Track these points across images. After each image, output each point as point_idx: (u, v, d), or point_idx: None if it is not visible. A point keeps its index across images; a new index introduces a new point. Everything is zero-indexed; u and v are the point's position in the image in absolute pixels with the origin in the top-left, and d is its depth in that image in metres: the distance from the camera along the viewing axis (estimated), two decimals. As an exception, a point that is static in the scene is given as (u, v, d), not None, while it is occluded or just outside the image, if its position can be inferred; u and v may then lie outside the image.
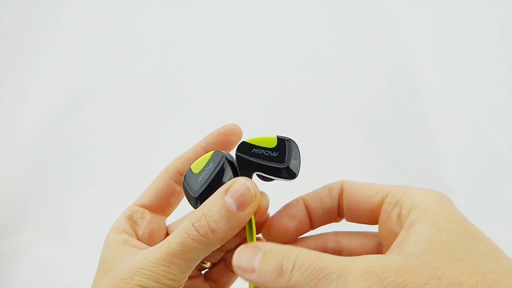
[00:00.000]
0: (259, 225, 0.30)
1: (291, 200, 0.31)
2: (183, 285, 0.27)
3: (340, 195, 0.29)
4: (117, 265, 0.27)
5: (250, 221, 0.28)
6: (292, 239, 0.30)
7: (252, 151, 0.28)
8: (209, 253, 0.27)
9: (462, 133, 0.68)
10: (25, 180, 0.71)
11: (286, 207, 0.30)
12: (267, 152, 0.28)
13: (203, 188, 0.28)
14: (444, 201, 0.25)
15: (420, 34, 0.71)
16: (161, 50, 0.76)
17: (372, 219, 0.28)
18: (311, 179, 0.42)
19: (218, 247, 0.27)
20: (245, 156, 0.28)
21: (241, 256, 0.25)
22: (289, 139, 0.29)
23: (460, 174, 0.66)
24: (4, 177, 0.70)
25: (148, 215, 0.32)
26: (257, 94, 0.73)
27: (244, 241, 0.31)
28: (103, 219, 0.33)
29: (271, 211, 0.31)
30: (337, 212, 0.29)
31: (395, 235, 0.25)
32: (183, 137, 0.72)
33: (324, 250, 0.30)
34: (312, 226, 0.30)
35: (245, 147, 0.29)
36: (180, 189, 0.32)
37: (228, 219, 0.26)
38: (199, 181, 0.28)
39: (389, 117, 0.70)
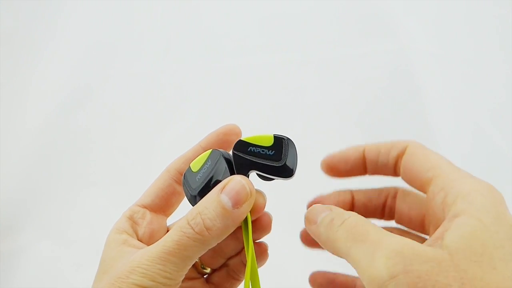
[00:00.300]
0: (255, 223, 0.30)
1: (291, 197, 0.31)
2: (179, 284, 0.27)
3: (400, 156, 0.30)
4: (115, 265, 0.27)
5: (246, 219, 0.28)
6: (345, 176, 0.33)
7: (249, 150, 0.28)
8: (205, 251, 0.27)
9: (462, 133, 0.68)
10: (25, 180, 0.71)
11: (346, 149, 0.33)
12: (263, 151, 0.28)
13: (201, 186, 0.28)
14: (496, 198, 0.23)
15: (420, 34, 0.71)
16: (162, 50, 0.76)
17: (422, 190, 0.28)
18: (311, 179, 0.42)
19: (214, 245, 0.27)
20: (241, 154, 0.28)
21: (312, 210, 0.28)
22: (286, 137, 0.29)
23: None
24: (4, 177, 0.70)
25: (148, 215, 0.32)
26: (257, 94, 0.73)
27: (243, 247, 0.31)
28: (103, 219, 0.33)
29: (272, 211, 0.31)
30: (393, 170, 0.31)
31: (436, 217, 0.25)
32: (184, 137, 0.72)
33: (384, 205, 0.32)
34: (368, 173, 0.32)
35: (241, 146, 0.29)
36: (180, 189, 0.32)
37: (223, 217, 0.26)
38: (197, 179, 0.28)
39: (389, 117, 0.70)
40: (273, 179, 0.29)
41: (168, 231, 0.32)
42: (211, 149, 0.29)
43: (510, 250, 0.21)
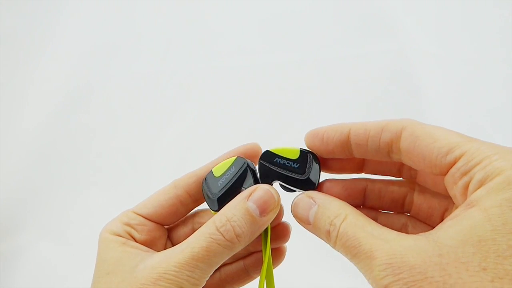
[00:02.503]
0: (273, 230, 0.31)
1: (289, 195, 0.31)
2: None
3: (394, 141, 0.26)
4: (122, 266, 0.27)
5: (266, 228, 0.29)
6: (332, 156, 0.29)
7: (275, 160, 0.30)
8: (230, 256, 0.27)
9: (462, 133, 0.68)
10: (25, 180, 0.71)
11: (329, 127, 0.29)
12: (288, 163, 0.30)
13: (222, 191, 0.29)
14: None
15: (420, 34, 0.71)
16: (162, 50, 0.76)
17: (441, 174, 0.24)
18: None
19: (239, 251, 0.27)
20: (267, 164, 0.30)
21: (298, 207, 0.27)
22: (312, 152, 0.30)
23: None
24: (4, 177, 0.70)
25: (148, 223, 0.31)
26: (257, 94, 0.73)
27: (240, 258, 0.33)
28: (103, 219, 0.32)
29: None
30: (387, 154, 0.27)
31: (457, 205, 0.24)
32: (184, 137, 0.72)
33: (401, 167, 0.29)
34: (353, 155, 0.29)
35: (268, 156, 0.30)
36: (183, 210, 0.32)
37: (251, 224, 0.27)
38: (219, 184, 0.29)
39: (389, 117, 0.70)
40: (294, 190, 0.30)
41: (169, 237, 0.32)
42: (235, 156, 0.30)
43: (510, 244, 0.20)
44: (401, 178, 0.31)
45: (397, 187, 0.30)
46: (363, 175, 0.31)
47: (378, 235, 0.23)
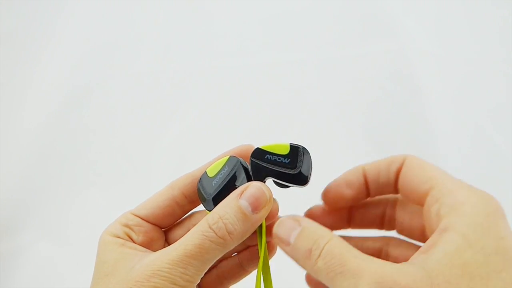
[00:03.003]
0: (269, 229, 0.31)
1: (295, 199, 0.31)
2: (195, 286, 0.27)
3: (399, 171, 0.29)
4: (120, 267, 0.27)
5: (260, 224, 0.29)
6: (348, 205, 0.32)
7: (266, 157, 0.30)
8: (223, 254, 0.27)
9: (462, 133, 0.68)
10: (25, 180, 0.71)
11: (346, 174, 0.31)
12: (279, 159, 0.29)
13: (217, 191, 0.29)
14: (489, 209, 0.23)
15: (420, 34, 0.71)
16: (162, 50, 0.76)
17: (420, 204, 0.27)
18: (311, 179, 0.42)
19: (231, 248, 0.27)
20: (258, 162, 0.30)
21: (281, 227, 0.27)
22: (302, 147, 0.30)
23: (460, 174, 0.66)
24: (4, 177, 0.70)
25: (145, 224, 0.32)
26: (257, 94, 0.73)
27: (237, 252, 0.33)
28: (103, 219, 0.32)
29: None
30: (394, 187, 0.30)
31: (432, 230, 0.25)
32: (184, 137, 0.72)
33: (383, 215, 0.31)
34: (369, 195, 0.31)
35: (259, 153, 0.30)
36: (179, 212, 0.32)
37: (243, 221, 0.27)
38: (213, 184, 0.29)
39: (389, 117, 0.70)
40: (288, 186, 0.30)
41: (166, 238, 0.33)
42: (228, 156, 0.30)
43: (495, 266, 0.21)
44: (383, 196, 0.32)
45: (375, 204, 0.32)
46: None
47: (364, 258, 0.23)
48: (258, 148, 0.30)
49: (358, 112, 0.71)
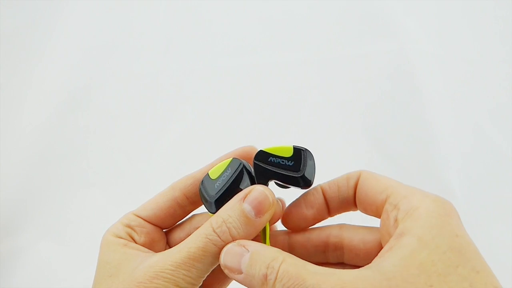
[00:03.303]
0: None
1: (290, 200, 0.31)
2: None
3: (356, 186, 0.29)
4: (123, 268, 0.27)
5: (264, 227, 0.29)
6: (309, 225, 0.31)
7: (269, 160, 0.29)
8: None
9: (462, 133, 0.68)
10: (25, 180, 0.71)
11: (305, 195, 0.31)
12: (283, 161, 0.29)
13: (219, 194, 0.29)
14: (442, 211, 0.24)
15: (420, 34, 0.71)
16: (161, 50, 0.76)
17: (378, 215, 0.28)
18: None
19: None
20: (262, 164, 0.30)
21: (228, 256, 0.26)
22: (305, 149, 0.30)
23: (460, 174, 0.66)
24: (4, 177, 0.70)
25: (147, 225, 0.32)
26: (257, 94, 0.73)
27: None
28: (103, 219, 0.33)
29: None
30: (353, 202, 0.30)
31: (390, 237, 0.25)
32: (184, 137, 0.72)
33: (326, 244, 0.30)
34: (330, 214, 0.31)
35: (262, 156, 0.30)
36: (180, 212, 0.32)
37: (246, 225, 0.27)
38: (216, 187, 0.29)
39: (389, 117, 0.70)
40: (289, 187, 0.30)
41: (167, 240, 0.33)
42: (231, 158, 0.30)
43: (451, 262, 0.22)
44: (325, 225, 0.32)
45: (316, 234, 0.31)
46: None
47: (321, 272, 0.23)
48: (261, 151, 0.30)
49: (358, 112, 0.71)
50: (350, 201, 0.30)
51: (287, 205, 0.32)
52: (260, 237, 0.30)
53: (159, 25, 0.76)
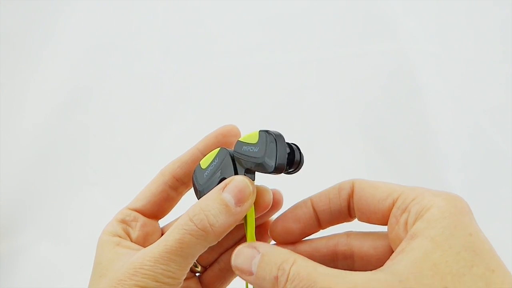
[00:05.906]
0: (262, 225, 0.31)
1: (295, 199, 0.30)
2: (181, 283, 0.27)
3: (350, 196, 0.28)
4: (112, 267, 0.27)
5: (247, 219, 0.28)
6: (297, 240, 0.30)
7: (243, 149, 0.29)
8: (206, 249, 0.27)
9: (462, 133, 0.68)
10: (25, 180, 0.71)
11: (293, 208, 0.30)
12: (251, 148, 0.28)
13: (207, 183, 0.29)
14: (454, 209, 0.23)
15: (420, 34, 0.71)
16: (162, 50, 0.76)
17: (383, 222, 0.27)
18: (311, 179, 0.42)
19: (215, 243, 0.27)
20: (238, 154, 0.29)
21: (239, 257, 0.26)
22: (269, 132, 0.28)
23: (460, 174, 0.66)
24: (4, 177, 0.70)
25: (141, 218, 0.32)
26: (257, 94, 0.73)
27: (237, 242, 0.32)
28: (103, 219, 0.32)
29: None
30: (348, 213, 0.29)
31: (401, 241, 0.24)
32: (184, 137, 0.72)
33: (335, 253, 0.29)
34: (322, 227, 0.30)
35: (239, 146, 0.29)
36: (174, 194, 0.32)
37: (226, 214, 0.26)
38: (205, 176, 0.30)
39: (389, 117, 0.70)
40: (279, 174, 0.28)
41: (163, 233, 0.33)
42: (219, 148, 0.30)
43: (466, 262, 0.21)
44: (332, 234, 0.31)
45: (324, 243, 0.30)
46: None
47: (333, 273, 0.23)
48: (238, 141, 0.29)
49: (358, 112, 0.71)
50: (343, 213, 0.29)
51: (283, 205, 0.31)
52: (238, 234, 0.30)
53: (159, 25, 0.76)
